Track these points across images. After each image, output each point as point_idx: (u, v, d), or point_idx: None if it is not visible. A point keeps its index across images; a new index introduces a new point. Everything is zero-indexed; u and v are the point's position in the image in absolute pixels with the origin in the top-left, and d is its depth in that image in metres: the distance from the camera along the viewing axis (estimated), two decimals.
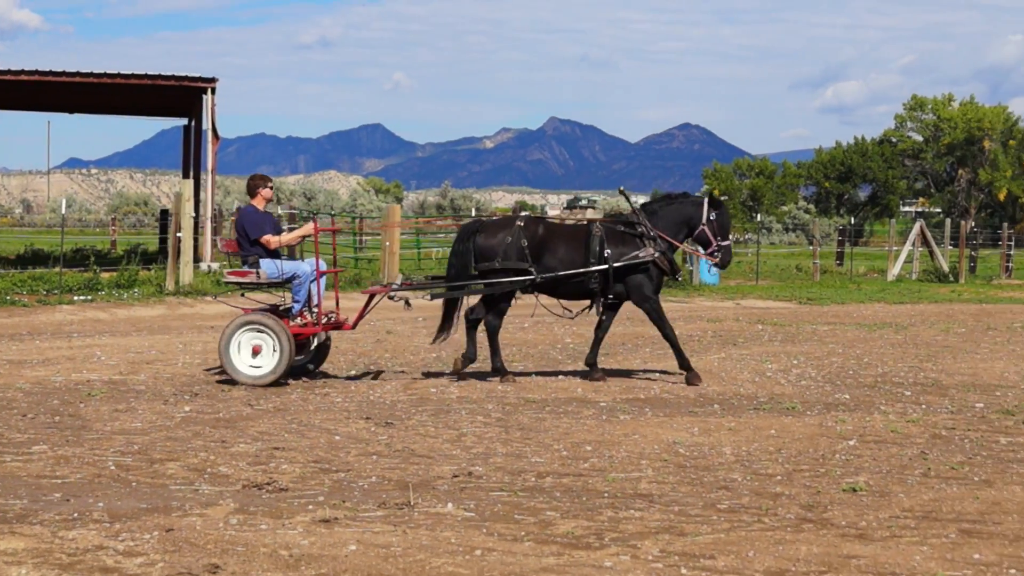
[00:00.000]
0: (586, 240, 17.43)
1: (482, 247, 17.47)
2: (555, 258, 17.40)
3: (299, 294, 17.39)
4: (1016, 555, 8.55)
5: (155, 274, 33.25)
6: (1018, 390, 17.20)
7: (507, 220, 18.09)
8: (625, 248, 17.45)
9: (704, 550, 8.63)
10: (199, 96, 38.37)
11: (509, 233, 17.40)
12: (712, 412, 14.94)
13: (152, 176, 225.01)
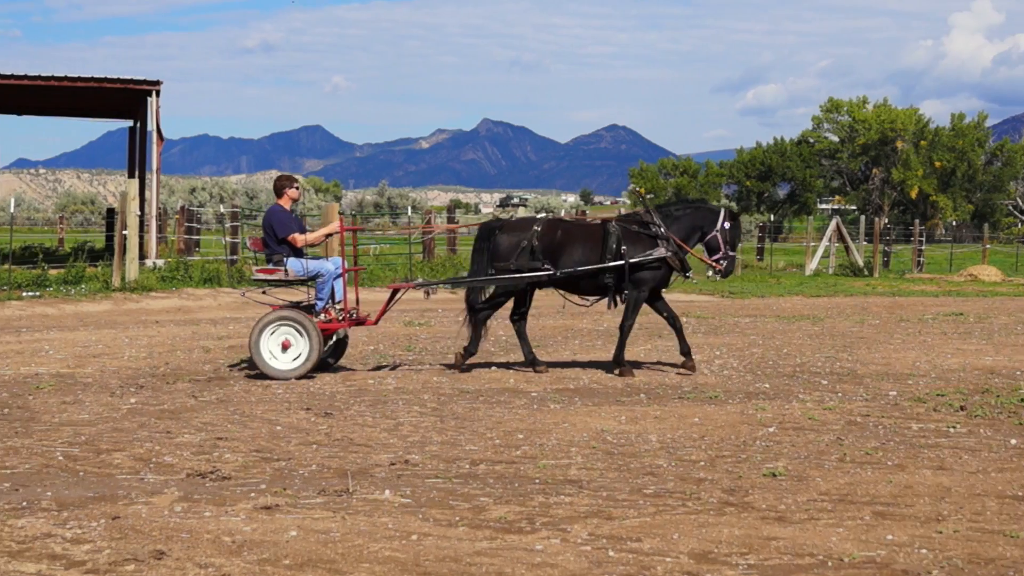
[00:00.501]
0: (603, 239, 17.53)
1: (500, 247, 17.58)
2: (572, 258, 17.50)
3: (322, 292, 17.40)
4: (927, 536, 8.62)
5: (102, 271, 33.01)
6: (929, 378, 17.33)
7: (527, 221, 18.19)
8: (640, 247, 17.53)
9: (631, 533, 8.66)
10: (144, 98, 38.11)
11: (527, 235, 17.51)
12: (639, 401, 14.99)
13: (99, 176, 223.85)
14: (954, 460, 11.45)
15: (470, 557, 8.02)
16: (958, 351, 20.65)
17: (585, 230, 17.91)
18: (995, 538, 8.58)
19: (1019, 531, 8.75)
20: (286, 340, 16.67)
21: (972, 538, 8.58)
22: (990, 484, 10.39)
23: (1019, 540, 8.52)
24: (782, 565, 7.91)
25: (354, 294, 18.07)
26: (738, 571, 7.77)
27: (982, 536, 8.64)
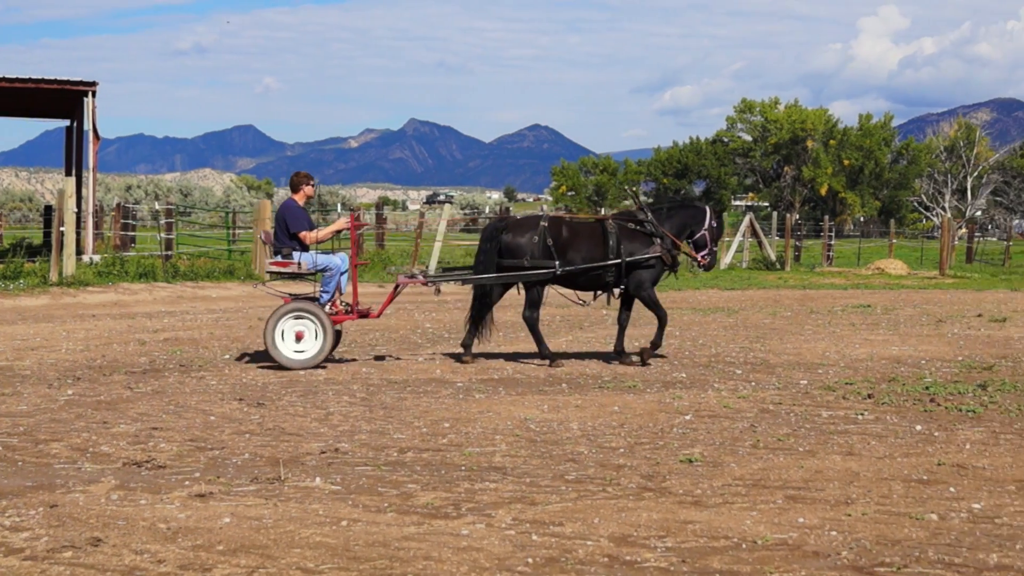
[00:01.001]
0: (603, 237, 17.77)
1: (509, 245, 17.69)
2: (578, 254, 17.68)
3: (329, 285, 17.43)
4: (836, 519, 8.67)
5: (39, 266, 32.77)
6: (838, 368, 17.44)
7: (532, 220, 18.20)
8: (637, 244, 17.80)
9: (553, 518, 8.67)
10: (80, 99, 37.80)
11: (536, 233, 17.64)
12: (560, 391, 15.01)
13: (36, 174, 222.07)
14: (862, 446, 11.53)
15: (398, 542, 8.00)
16: (866, 341, 20.80)
17: (588, 228, 18.08)
18: (901, 520, 8.65)
19: (924, 513, 8.82)
20: (300, 331, 16.75)
21: (880, 520, 8.63)
22: (896, 468, 10.46)
23: (924, 522, 8.59)
24: (698, 547, 7.94)
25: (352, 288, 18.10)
26: (656, 554, 7.79)
27: (889, 518, 8.70)
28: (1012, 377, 16.41)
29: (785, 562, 7.62)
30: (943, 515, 8.82)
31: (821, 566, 7.55)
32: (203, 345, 19.00)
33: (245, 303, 28.08)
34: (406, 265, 39.26)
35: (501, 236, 17.81)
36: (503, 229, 17.98)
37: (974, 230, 79.36)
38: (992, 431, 12.34)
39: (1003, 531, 8.38)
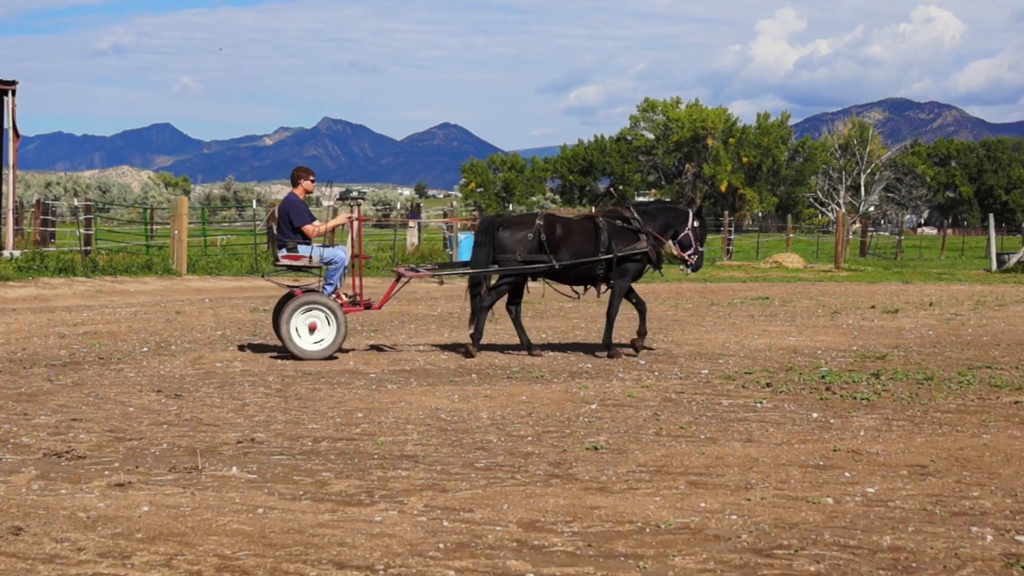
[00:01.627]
0: (595, 233, 17.97)
1: (505, 241, 17.78)
2: (570, 250, 17.86)
3: (333, 278, 17.60)
4: (736, 503, 8.72)
5: None
6: (738, 358, 17.56)
7: (528, 217, 18.40)
8: (626, 241, 18.03)
9: (464, 504, 8.66)
10: (0, 98, 37.35)
11: (529, 230, 17.74)
12: (470, 381, 15.01)
13: None
14: (761, 433, 11.61)
15: (313, 529, 7.96)
16: (764, 332, 20.95)
17: (579, 225, 18.26)
18: (799, 504, 8.71)
19: (821, 497, 8.89)
20: (313, 322, 16.88)
21: (778, 504, 8.69)
22: (794, 454, 10.54)
23: (820, 506, 8.66)
24: (604, 532, 7.96)
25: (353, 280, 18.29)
26: (563, 538, 7.80)
27: (787, 502, 8.76)
28: (904, 366, 16.59)
29: (687, 545, 7.65)
30: (838, 499, 8.89)
31: (722, 549, 7.59)
32: (122, 338, 18.84)
33: (163, 297, 27.85)
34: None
35: (497, 232, 17.91)
36: (499, 226, 18.08)
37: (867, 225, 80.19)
38: (885, 418, 12.46)
39: (896, 514, 8.46)
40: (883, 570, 7.20)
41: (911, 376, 15.54)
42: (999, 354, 18.22)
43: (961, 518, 8.37)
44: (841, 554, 7.49)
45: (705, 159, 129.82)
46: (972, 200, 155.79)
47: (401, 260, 39.22)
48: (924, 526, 8.13)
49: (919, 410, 12.98)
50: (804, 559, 7.39)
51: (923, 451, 10.71)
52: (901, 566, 7.27)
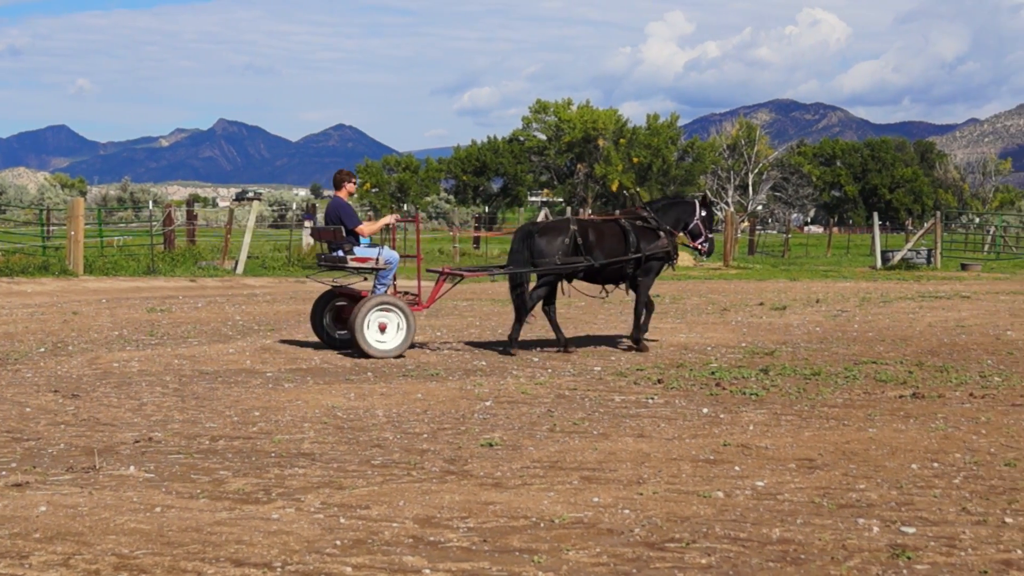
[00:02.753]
0: (623, 234, 18.62)
1: (543, 247, 18.24)
2: (604, 252, 18.40)
3: (387, 278, 18.03)
4: (629, 497, 8.77)
5: None
6: (629, 355, 17.66)
7: (563, 223, 18.92)
8: (649, 239, 18.78)
9: (360, 501, 8.64)
10: None
11: (565, 236, 18.27)
12: (366, 379, 14.98)
13: None
14: (653, 428, 11.68)
15: (211, 527, 7.91)
16: (655, 329, 21.03)
17: (609, 228, 18.82)
18: (690, 498, 8.77)
19: (711, 491, 8.96)
20: (383, 323, 17.12)
21: (670, 498, 8.75)
22: (685, 449, 10.62)
23: (711, 499, 8.73)
24: (499, 527, 7.97)
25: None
26: (459, 534, 7.81)
27: (678, 496, 8.82)
28: (792, 362, 16.76)
29: (581, 539, 7.68)
30: (729, 492, 8.97)
31: (615, 543, 7.63)
32: (18, 339, 18.60)
33: (60, 297, 27.48)
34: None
35: (534, 239, 18.34)
36: (535, 233, 18.53)
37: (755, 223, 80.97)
38: (774, 413, 12.59)
39: (785, 507, 8.55)
40: (772, 562, 7.27)
41: (799, 371, 15.71)
42: (884, 349, 18.45)
43: (848, 510, 8.47)
44: (732, 547, 7.56)
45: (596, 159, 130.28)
46: (857, 199, 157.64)
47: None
48: (812, 518, 8.22)
49: (807, 405, 13.13)
50: (696, 552, 7.44)
51: (811, 445, 10.83)
52: (790, 558, 7.35)
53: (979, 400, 13.45)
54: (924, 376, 15.44)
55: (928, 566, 7.18)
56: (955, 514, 8.35)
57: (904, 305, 27.14)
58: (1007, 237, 67.39)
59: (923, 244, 53.30)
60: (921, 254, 49.94)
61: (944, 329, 21.61)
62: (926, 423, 11.95)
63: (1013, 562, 7.24)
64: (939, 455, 10.39)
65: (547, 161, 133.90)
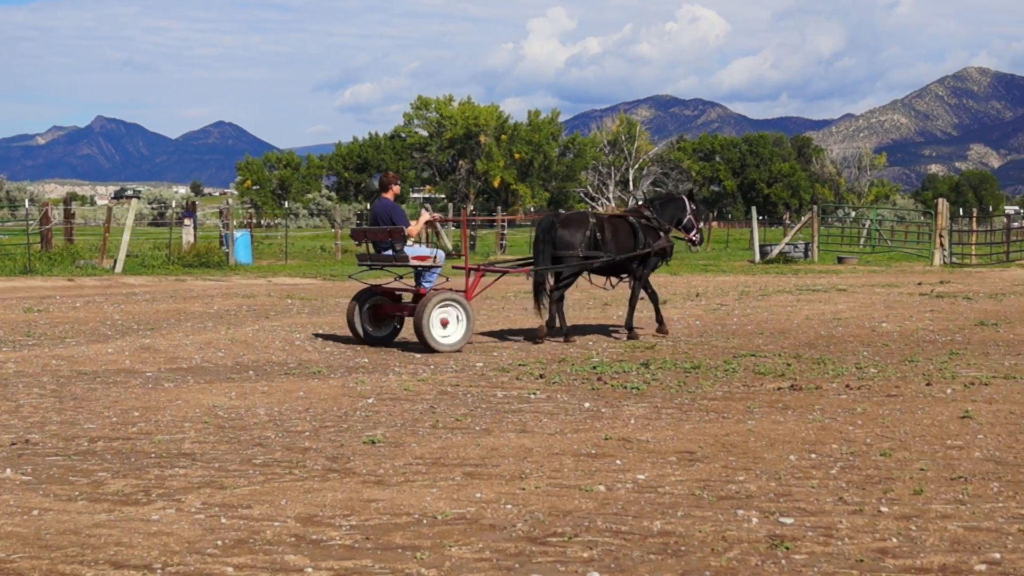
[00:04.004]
0: (632, 231, 19.84)
1: (566, 239, 19.22)
2: (618, 246, 19.59)
3: (433, 276, 19.01)
4: (511, 492, 8.79)
5: None
6: (511, 350, 17.71)
7: (581, 216, 19.89)
8: (654, 237, 20.12)
9: (242, 501, 8.59)
10: None
11: (585, 228, 19.28)
12: (248, 378, 14.88)
13: None
14: (535, 423, 11.72)
15: (89, 529, 7.81)
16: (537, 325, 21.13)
17: (620, 224, 19.95)
18: (572, 492, 8.81)
19: (593, 485, 9.00)
20: (444, 318, 17.78)
21: (552, 493, 8.78)
22: (567, 444, 10.66)
23: (593, 493, 8.77)
24: (382, 524, 7.95)
25: None
26: (341, 532, 7.78)
27: (560, 491, 8.85)
28: (672, 355, 16.90)
29: (464, 535, 7.69)
30: (610, 486, 9.01)
31: (498, 538, 7.64)
32: None
33: None
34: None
35: (557, 231, 19.26)
36: (558, 225, 19.46)
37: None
38: (655, 406, 12.68)
39: (665, 499, 8.61)
40: (654, 554, 7.31)
41: (679, 365, 15.84)
42: (763, 342, 18.66)
43: (728, 502, 8.55)
44: (613, 540, 7.60)
45: (478, 155, 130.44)
46: (736, 194, 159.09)
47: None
48: (692, 510, 8.29)
49: (687, 398, 13.24)
50: (578, 545, 7.47)
51: (691, 438, 10.92)
52: (671, 550, 7.40)
53: (855, 391, 13.65)
54: (802, 368, 15.64)
55: (806, 556, 7.27)
56: (832, 504, 8.46)
57: (782, 298, 27.46)
58: (882, 230, 68.43)
59: (800, 238, 53.99)
60: (799, 248, 50.60)
61: (821, 322, 21.92)
62: (804, 415, 12.10)
63: (888, 550, 7.35)
64: (816, 446, 10.52)
65: (429, 157, 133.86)
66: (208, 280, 34.33)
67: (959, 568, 7.01)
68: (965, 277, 37.90)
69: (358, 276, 21.28)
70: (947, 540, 7.55)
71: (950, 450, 10.33)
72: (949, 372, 15.10)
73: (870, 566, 7.06)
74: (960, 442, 10.66)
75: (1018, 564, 7.05)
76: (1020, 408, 12.32)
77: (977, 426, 11.37)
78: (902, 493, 8.75)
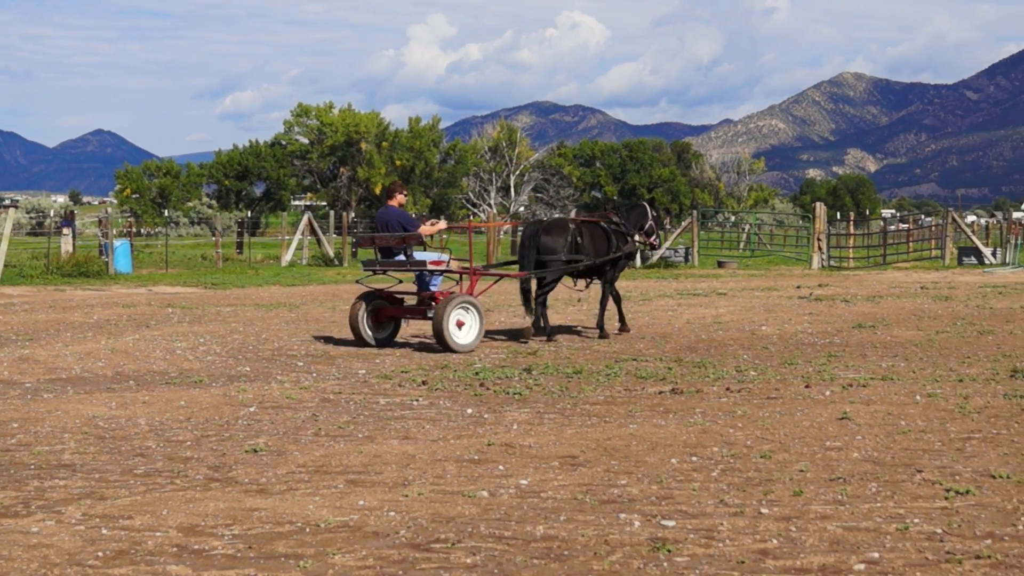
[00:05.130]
0: (607, 235, 21.20)
1: (549, 245, 20.44)
2: (595, 250, 20.96)
3: (438, 281, 19.86)
4: (395, 499, 8.78)
5: None
6: (394, 356, 17.69)
7: (561, 223, 21.21)
8: (623, 241, 21.50)
9: (123, 511, 8.50)
10: None
11: (567, 234, 20.60)
12: (128, 388, 14.73)
13: None
14: (418, 430, 11.72)
15: None
16: (419, 331, 21.13)
17: (596, 229, 21.24)
18: (455, 498, 8.82)
19: (476, 491, 9.02)
20: (460, 320, 18.61)
21: (435, 499, 8.79)
22: (450, 450, 10.67)
23: (476, 499, 8.79)
24: (264, 533, 7.92)
25: None
26: (223, 541, 7.73)
27: (444, 497, 8.86)
28: (554, 360, 16.98)
29: (347, 543, 7.67)
30: (493, 492, 9.04)
31: (381, 545, 7.63)
32: None
33: None
34: None
35: (540, 238, 20.48)
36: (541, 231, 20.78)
37: (517, 225, 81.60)
38: (537, 411, 12.74)
39: (548, 504, 8.65)
40: (537, 559, 7.35)
41: (561, 370, 15.92)
42: (644, 346, 18.80)
43: (610, 506, 8.60)
44: (496, 545, 7.62)
45: (359, 163, 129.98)
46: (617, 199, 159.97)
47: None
48: (575, 515, 8.33)
49: (569, 403, 13.31)
50: (461, 552, 7.49)
51: (573, 442, 10.98)
52: (554, 554, 7.43)
53: (736, 394, 13.81)
54: (683, 372, 15.79)
55: (688, 558, 7.34)
56: (713, 506, 8.54)
57: (663, 303, 27.70)
58: (761, 235, 69.24)
59: (681, 243, 54.39)
60: (679, 252, 51.02)
61: (702, 326, 22.14)
62: (685, 418, 12.21)
63: (769, 551, 7.44)
64: (698, 449, 10.62)
65: (310, 165, 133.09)
66: (88, 290, 33.93)
67: (838, 568, 7.12)
68: (843, 280, 38.49)
69: (364, 280, 22.51)
70: (826, 540, 7.66)
71: (829, 451, 10.48)
72: (828, 374, 15.32)
73: (751, 567, 7.14)
74: (839, 443, 10.82)
75: (896, 563, 7.17)
76: (897, 409, 12.53)
77: (855, 427, 11.55)
78: (782, 494, 8.87)
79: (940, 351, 17.86)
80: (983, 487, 9.01)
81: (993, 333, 20.33)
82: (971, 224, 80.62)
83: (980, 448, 10.54)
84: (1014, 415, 12.15)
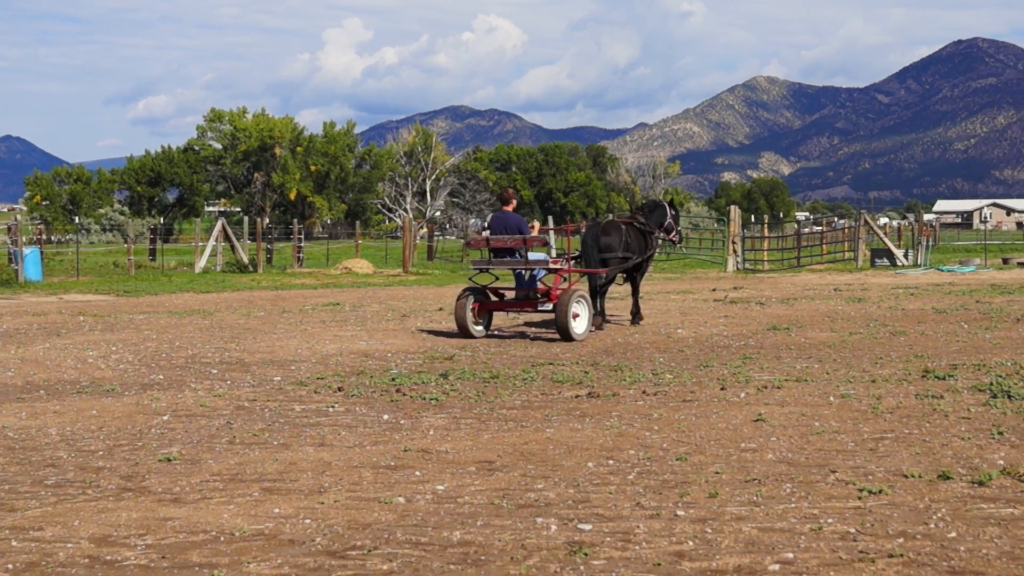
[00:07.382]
0: (642, 235, 23.46)
1: (610, 244, 22.78)
2: (639, 248, 23.37)
3: (540, 275, 22.13)
4: (311, 507, 8.75)
5: None
6: (310, 363, 17.60)
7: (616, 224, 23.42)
8: (652, 240, 23.83)
9: (33, 523, 8.40)
10: None
11: (621, 234, 22.88)
12: (39, 397, 14.58)
13: None
14: (334, 436, 11.68)
15: None
16: (336, 337, 21.06)
17: (634, 230, 23.40)
18: (372, 505, 8.79)
19: (392, 497, 8.99)
20: (576, 311, 20.87)
21: (351, 506, 8.76)
22: (366, 456, 10.64)
23: (392, 505, 8.76)
24: (178, 543, 7.85)
25: None
26: (136, 552, 7.66)
27: (360, 504, 8.84)
28: (471, 366, 16.97)
29: (262, 551, 7.63)
30: (410, 498, 9.02)
31: (296, 553, 7.59)
32: None
33: None
34: None
35: (601, 237, 22.68)
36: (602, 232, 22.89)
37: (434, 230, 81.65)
38: (453, 417, 12.73)
39: (465, 509, 8.64)
40: (454, 564, 7.34)
41: (478, 375, 15.92)
42: (560, 351, 18.85)
43: (527, 510, 8.61)
44: (413, 551, 7.60)
45: (274, 168, 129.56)
46: (533, 203, 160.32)
47: None
48: (492, 519, 8.33)
49: (486, 408, 13.31)
50: (377, 558, 7.46)
51: (490, 447, 10.98)
52: (471, 560, 7.43)
53: (652, 397, 13.86)
54: (599, 375, 15.83)
55: (604, 561, 7.35)
56: (630, 509, 8.56)
57: None
58: None
59: None
60: None
61: (618, 329, 22.21)
62: (601, 421, 12.24)
63: (685, 553, 7.47)
64: (614, 452, 10.65)
65: (223, 170, 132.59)
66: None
67: (754, 568, 7.16)
68: (758, 283, 38.81)
69: (475, 279, 24.06)
70: (742, 541, 7.70)
71: (744, 453, 10.55)
72: (743, 376, 15.41)
73: (667, 569, 7.17)
74: (754, 445, 10.89)
75: (810, 563, 7.22)
76: (811, 410, 12.63)
77: (770, 429, 11.63)
78: (698, 496, 8.91)
79: (853, 352, 18.04)
80: (896, 486, 9.10)
81: (905, 334, 20.56)
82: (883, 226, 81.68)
83: (893, 448, 10.65)
84: (926, 415, 12.28)
